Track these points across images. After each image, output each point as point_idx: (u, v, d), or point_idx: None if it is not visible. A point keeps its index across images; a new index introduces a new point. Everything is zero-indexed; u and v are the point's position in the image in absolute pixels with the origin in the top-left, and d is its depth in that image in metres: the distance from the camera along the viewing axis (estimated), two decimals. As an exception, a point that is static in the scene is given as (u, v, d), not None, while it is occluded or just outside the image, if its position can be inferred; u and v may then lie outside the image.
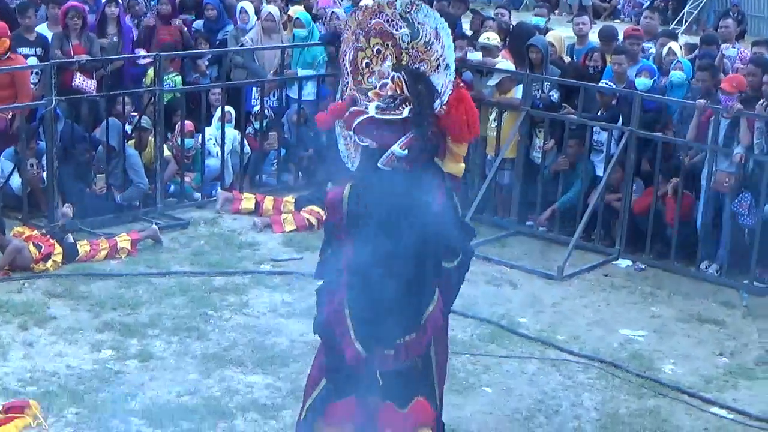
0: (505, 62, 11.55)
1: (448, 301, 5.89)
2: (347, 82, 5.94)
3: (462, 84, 5.97)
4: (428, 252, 5.63)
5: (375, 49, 5.77)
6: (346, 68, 5.92)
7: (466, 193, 11.66)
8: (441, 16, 5.77)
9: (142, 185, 11.11)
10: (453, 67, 5.70)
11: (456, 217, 5.82)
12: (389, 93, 5.63)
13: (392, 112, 5.58)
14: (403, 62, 5.70)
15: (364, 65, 5.81)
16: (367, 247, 5.60)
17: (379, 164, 5.60)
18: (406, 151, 5.54)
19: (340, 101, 5.91)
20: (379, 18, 5.74)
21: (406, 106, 5.58)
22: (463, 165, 5.99)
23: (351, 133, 5.82)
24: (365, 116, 5.61)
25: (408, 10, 5.67)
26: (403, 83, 5.62)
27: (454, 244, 5.76)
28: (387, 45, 5.74)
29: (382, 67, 5.74)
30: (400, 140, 5.53)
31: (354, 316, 5.68)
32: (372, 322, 5.64)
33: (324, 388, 5.91)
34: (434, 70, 5.69)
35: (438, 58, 5.68)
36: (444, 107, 5.65)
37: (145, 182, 11.14)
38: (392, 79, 5.66)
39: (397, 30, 5.70)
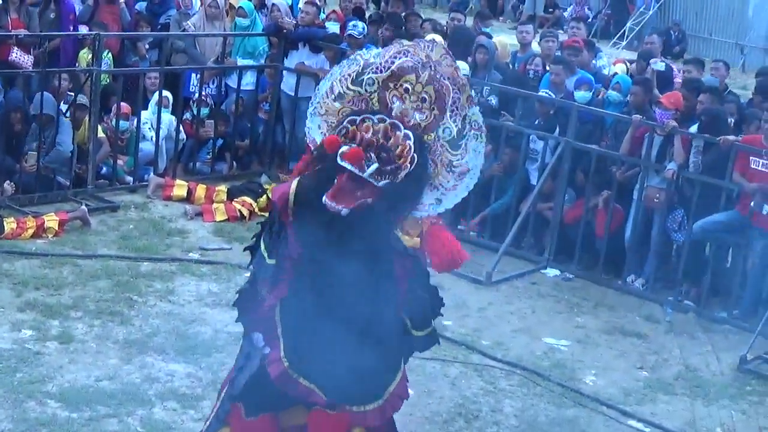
0: (463, 64, 11.50)
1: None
2: (373, 77, 5.16)
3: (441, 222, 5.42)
4: (388, 315, 5.20)
5: (421, 94, 5.15)
6: (387, 64, 5.17)
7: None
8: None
9: (62, 147, 10.92)
10: (444, 205, 5.23)
11: (427, 283, 5.39)
12: (392, 148, 5.03)
13: (379, 178, 5.01)
14: (425, 139, 5.14)
15: (401, 86, 5.14)
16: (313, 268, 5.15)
17: (323, 199, 4.98)
18: (347, 211, 4.96)
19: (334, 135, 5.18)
20: (445, 81, 5.18)
21: (387, 178, 5.02)
22: (418, 240, 5.29)
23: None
24: (356, 171, 4.97)
25: (467, 104, 5.20)
26: (409, 155, 5.04)
27: (426, 313, 5.39)
28: (433, 107, 5.16)
29: (411, 111, 5.13)
30: (354, 203, 4.96)
31: (285, 330, 5.25)
32: (309, 348, 5.21)
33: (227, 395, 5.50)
34: (434, 178, 5.20)
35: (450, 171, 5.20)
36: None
37: (68, 145, 10.96)
38: (405, 137, 5.06)
39: (450, 111, 5.18)
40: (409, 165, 5.05)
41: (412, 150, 5.04)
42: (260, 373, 5.30)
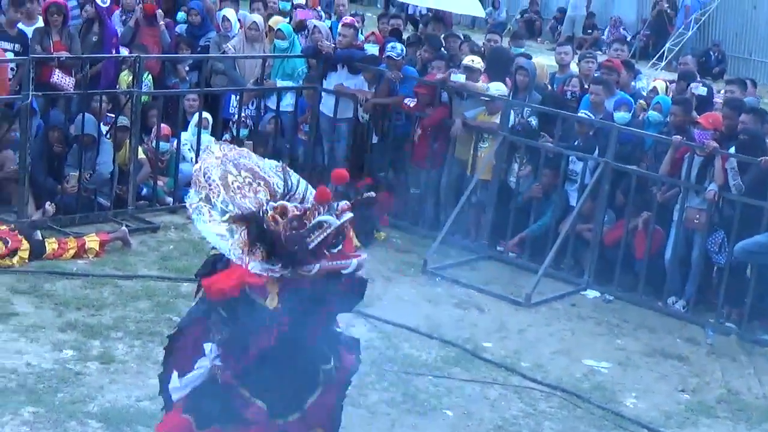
0: (499, 85, 11.54)
1: (334, 401, 5.67)
2: (220, 199, 5.21)
3: None
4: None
5: (246, 180, 5.26)
6: (206, 182, 5.23)
7: (438, 214, 11.70)
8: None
9: (103, 168, 11.03)
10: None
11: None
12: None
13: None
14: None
15: (236, 186, 5.22)
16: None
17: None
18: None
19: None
20: (242, 160, 5.33)
21: None
22: None
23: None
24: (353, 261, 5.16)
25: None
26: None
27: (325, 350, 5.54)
28: (259, 182, 5.27)
29: (261, 198, 5.22)
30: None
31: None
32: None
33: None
34: None
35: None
36: None
37: (109, 166, 11.06)
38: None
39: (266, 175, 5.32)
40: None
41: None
42: (210, 383, 5.38)
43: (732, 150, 9.98)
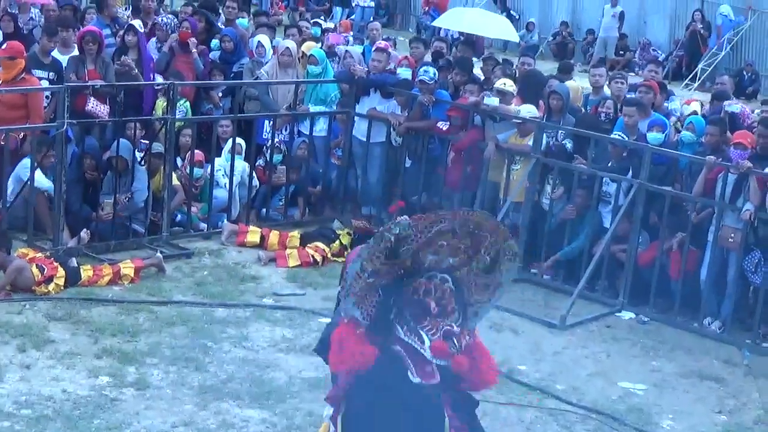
0: (530, 107, 11.54)
1: None
2: (410, 248, 4.98)
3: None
4: None
5: (459, 245, 5.04)
6: (425, 233, 4.98)
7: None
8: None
9: (138, 195, 11.09)
10: (481, 316, 5.36)
11: None
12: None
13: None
14: (457, 275, 5.10)
15: (438, 244, 5.00)
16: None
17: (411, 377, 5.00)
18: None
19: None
20: (484, 233, 5.09)
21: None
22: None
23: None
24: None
25: (503, 239, 5.13)
26: (451, 296, 5.03)
27: None
28: (468, 251, 5.07)
29: (445, 258, 5.05)
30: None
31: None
32: None
33: None
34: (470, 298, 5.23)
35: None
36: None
37: (144, 193, 11.13)
38: (443, 280, 5.02)
39: (484, 249, 5.11)
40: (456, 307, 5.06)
41: (453, 291, 5.04)
42: None
43: (767, 170, 9.93)
